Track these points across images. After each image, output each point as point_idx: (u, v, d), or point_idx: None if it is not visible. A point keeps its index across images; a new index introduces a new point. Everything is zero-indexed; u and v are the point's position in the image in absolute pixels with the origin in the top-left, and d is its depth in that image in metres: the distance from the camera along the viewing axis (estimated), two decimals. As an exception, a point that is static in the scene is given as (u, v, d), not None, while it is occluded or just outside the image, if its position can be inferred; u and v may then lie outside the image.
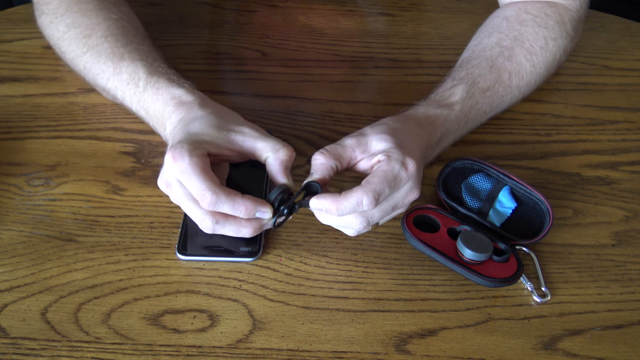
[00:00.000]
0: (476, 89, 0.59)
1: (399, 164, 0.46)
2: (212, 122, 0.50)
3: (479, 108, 0.59)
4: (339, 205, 0.45)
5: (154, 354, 0.46)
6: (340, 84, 0.71)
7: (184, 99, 0.54)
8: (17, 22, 0.78)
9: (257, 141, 0.49)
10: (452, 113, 0.57)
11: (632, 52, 0.77)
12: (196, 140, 0.47)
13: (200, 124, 0.50)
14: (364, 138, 0.49)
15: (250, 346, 0.46)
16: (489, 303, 0.50)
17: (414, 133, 0.52)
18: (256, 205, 0.46)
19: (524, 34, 0.62)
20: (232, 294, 0.50)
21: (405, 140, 0.50)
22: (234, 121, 0.51)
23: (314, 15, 0.81)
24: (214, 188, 0.45)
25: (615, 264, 0.53)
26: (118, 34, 0.61)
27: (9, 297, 0.49)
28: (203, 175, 0.45)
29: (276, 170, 0.48)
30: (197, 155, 0.46)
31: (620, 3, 1.16)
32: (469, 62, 0.62)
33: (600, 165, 0.62)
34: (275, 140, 0.50)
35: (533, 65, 0.62)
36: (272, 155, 0.49)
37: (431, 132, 0.55)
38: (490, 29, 0.65)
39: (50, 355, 0.45)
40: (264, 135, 0.50)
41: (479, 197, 0.56)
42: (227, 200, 0.45)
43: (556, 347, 0.47)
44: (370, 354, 0.46)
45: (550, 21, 0.63)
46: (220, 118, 0.51)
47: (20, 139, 0.62)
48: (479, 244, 0.50)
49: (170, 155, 0.46)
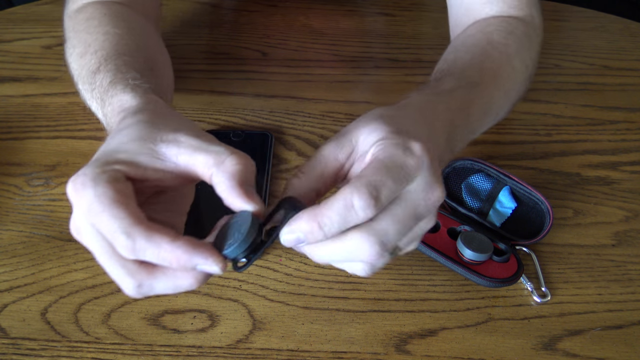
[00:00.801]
0: (465, 83, 0.50)
1: (400, 148, 0.34)
2: (136, 133, 0.35)
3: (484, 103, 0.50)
4: (321, 218, 0.32)
5: (154, 354, 0.46)
6: (340, 84, 0.71)
7: (126, 106, 0.40)
8: (17, 22, 0.78)
9: (196, 153, 0.34)
10: (452, 97, 0.47)
11: (632, 52, 0.77)
12: (106, 161, 0.33)
13: (121, 137, 0.35)
14: (346, 137, 0.36)
15: (250, 346, 0.46)
16: (489, 303, 0.50)
17: (417, 119, 0.40)
18: (194, 253, 0.31)
19: (495, 38, 0.56)
20: (232, 294, 0.50)
21: (405, 125, 0.37)
22: (169, 127, 0.35)
23: (314, 15, 0.81)
24: (129, 227, 0.31)
25: (615, 264, 0.53)
26: (108, 48, 0.49)
27: (9, 297, 0.49)
28: (114, 210, 0.31)
29: (227, 191, 0.33)
30: (106, 181, 0.32)
31: (620, 3, 1.16)
32: (454, 64, 0.52)
33: (600, 165, 0.62)
34: (219, 148, 0.34)
35: (514, 69, 0.55)
36: (215, 170, 0.33)
37: (434, 118, 0.43)
38: (457, 46, 0.57)
39: (50, 356, 0.45)
40: (207, 143, 0.34)
41: (479, 197, 0.56)
42: (148, 244, 0.31)
43: (556, 347, 0.47)
44: (370, 354, 0.46)
45: (517, 31, 0.58)
46: (150, 126, 0.35)
47: (20, 139, 0.62)
48: (479, 244, 0.50)
49: (71, 189, 0.32)
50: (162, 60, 0.55)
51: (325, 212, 0.32)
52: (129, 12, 0.56)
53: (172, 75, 0.57)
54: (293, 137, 0.63)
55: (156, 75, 0.48)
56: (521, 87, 0.56)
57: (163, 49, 0.58)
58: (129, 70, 0.45)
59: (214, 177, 0.33)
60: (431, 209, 0.35)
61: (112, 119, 0.41)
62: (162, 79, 0.50)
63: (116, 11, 0.54)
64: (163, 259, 0.31)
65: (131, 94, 0.41)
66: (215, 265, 0.31)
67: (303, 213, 0.32)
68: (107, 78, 0.44)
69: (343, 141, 0.36)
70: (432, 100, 0.45)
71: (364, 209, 0.31)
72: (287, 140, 0.63)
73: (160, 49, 0.57)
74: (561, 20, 0.83)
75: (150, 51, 0.53)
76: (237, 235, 0.32)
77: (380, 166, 0.33)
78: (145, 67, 0.47)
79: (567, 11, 0.84)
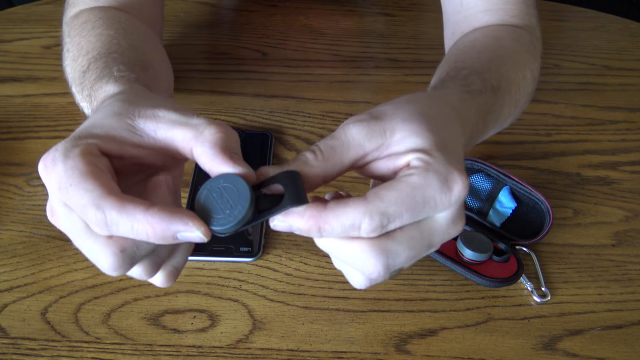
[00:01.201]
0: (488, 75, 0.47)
1: (439, 179, 0.30)
2: (113, 109, 0.33)
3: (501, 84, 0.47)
4: (323, 224, 0.29)
5: (154, 354, 0.46)
6: (340, 84, 0.71)
7: (109, 94, 0.38)
8: (17, 22, 0.78)
9: (175, 127, 0.31)
10: (482, 101, 0.43)
11: (632, 52, 0.77)
12: (79, 136, 0.31)
13: (97, 114, 0.33)
14: (379, 126, 0.32)
15: (250, 346, 0.46)
16: (489, 303, 0.50)
17: (455, 124, 0.36)
18: (172, 220, 0.28)
19: (505, 44, 0.54)
20: (232, 294, 0.50)
21: (448, 138, 0.33)
22: (149, 104, 0.33)
23: (314, 15, 0.81)
24: (99, 199, 0.28)
25: (615, 264, 0.53)
26: (99, 48, 0.47)
27: (9, 297, 0.49)
28: (84, 183, 0.29)
29: (210, 160, 0.30)
30: (77, 154, 0.30)
31: (620, 3, 1.16)
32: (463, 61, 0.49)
33: (600, 165, 0.62)
34: (198, 120, 0.32)
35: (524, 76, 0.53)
36: (195, 142, 0.31)
37: (468, 120, 0.39)
38: (459, 49, 0.54)
39: (50, 355, 0.45)
40: (186, 116, 0.32)
41: (479, 197, 0.56)
42: (121, 216, 0.28)
43: (556, 347, 0.47)
44: (370, 354, 0.46)
45: (522, 39, 0.56)
46: (128, 103, 0.33)
47: (20, 139, 0.62)
48: (479, 244, 0.50)
49: (42, 166, 0.31)
50: (159, 61, 0.53)
51: (329, 219, 0.29)
52: (126, 17, 0.55)
53: (171, 78, 0.56)
54: (293, 137, 0.63)
55: (149, 74, 0.46)
56: (528, 98, 0.54)
57: (161, 52, 0.56)
58: (116, 64, 0.43)
59: (194, 149, 0.31)
60: (447, 240, 0.32)
61: None
62: (157, 78, 0.48)
63: (112, 15, 0.54)
64: (138, 232, 0.28)
65: (114, 84, 0.38)
66: (198, 231, 0.28)
67: (305, 210, 0.29)
68: (95, 74, 0.42)
69: (375, 129, 0.32)
70: (467, 99, 0.41)
71: (368, 232, 0.29)
72: (287, 140, 0.63)
73: (158, 51, 0.55)
74: (561, 20, 0.83)
75: (145, 51, 0.50)
76: (230, 212, 0.29)
77: (406, 196, 0.29)
78: (136, 64, 0.45)
79: (567, 11, 0.84)
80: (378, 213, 0.29)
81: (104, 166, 0.30)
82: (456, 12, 0.59)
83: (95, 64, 0.44)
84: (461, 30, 0.58)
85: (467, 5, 0.57)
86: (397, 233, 0.30)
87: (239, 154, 0.31)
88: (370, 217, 0.29)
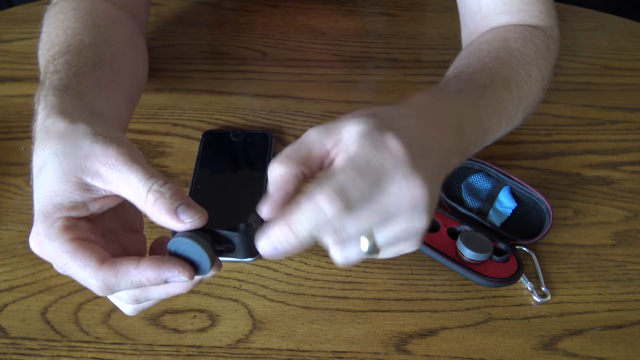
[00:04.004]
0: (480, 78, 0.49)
1: (374, 143, 0.32)
2: (55, 171, 0.34)
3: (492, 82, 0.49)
4: (289, 218, 0.31)
5: (154, 354, 0.46)
6: (340, 84, 0.71)
7: (51, 130, 0.37)
8: (17, 22, 0.78)
9: (120, 190, 0.34)
10: (458, 99, 0.45)
11: (632, 52, 0.77)
12: (47, 213, 0.34)
13: (45, 181, 0.35)
14: (334, 125, 0.35)
15: (250, 346, 0.46)
16: (489, 303, 0.50)
17: (412, 116, 0.38)
18: (161, 270, 0.33)
19: (511, 44, 0.55)
20: (232, 294, 0.50)
21: (394, 121, 0.35)
22: (84, 154, 0.35)
23: (314, 15, 0.81)
24: (95, 272, 0.33)
25: (615, 264, 0.53)
26: (61, 43, 0.48)
27: (9, 297, 0.49)
28: (76, 262, 0.33)
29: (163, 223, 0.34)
30: (58, 236, 0.33)
31: (620, 3, 1.16)
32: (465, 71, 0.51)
33: (600, 165, 0.62)
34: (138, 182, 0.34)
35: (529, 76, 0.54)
36: (145, 208, 0.34)
37: (440, 116, 0.41)
38: (471, 51, 0.56)
39: (50, 355, 0.45)
40: (128, 173, 0.34)
41: (479, 197, 0.56)
42: (118, 278, 0.34)
43: (556, 347, 0.47)
44: (370, 354, 0.46)
45: (537, 40, 0.57)
46: (64, 158, 0.35)
47: (20, 139, 0.62)
48: (479, 244, 0.50)
49: (33, 248, 0.36)
50: (126, 55, 0.53)
51: (293, 213, 0.31)
52: (104, 7, 0.54)
53: (141, 70, 0.56)
54: (293, 137, 0.63)
55: (103, 72, 0.46)
56: (537, 96, 0.55)
57: (133, 45, 0.55)
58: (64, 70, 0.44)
59: (148, 213, 0.34)
60: (408, 209, 0.33)
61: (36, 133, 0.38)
62: (115, 74, 0.48)
63: (86, 7, 0.53)
64: (137, 283, 0.34)
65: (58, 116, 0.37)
66: (183, 276, 0.34)
67: (274, 221, 0.32)
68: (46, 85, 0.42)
69: (331, 128, 0.34)
70: (436, 99, 0.43)
71: (331, 209, 0.30)
72: (287, 140, 0.63)
73: (128, 44, 0.54)
74: (561, 20, 0.83)
75: (108, 46, 0.50)
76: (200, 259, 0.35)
77: (348, 163, 0.31)
78: (87, 64, 0.45)
79: (567, 11, 0.83)
80: (328, 184, 0.30)
81: (85, 231, 0.35)
82: (474, 14, 0.60)
83: (51, 65, 0.45)
84: (479, 30, 0.60)
85: (486, 7, 0.58)
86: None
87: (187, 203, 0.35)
88: (322, 189, 0.30)
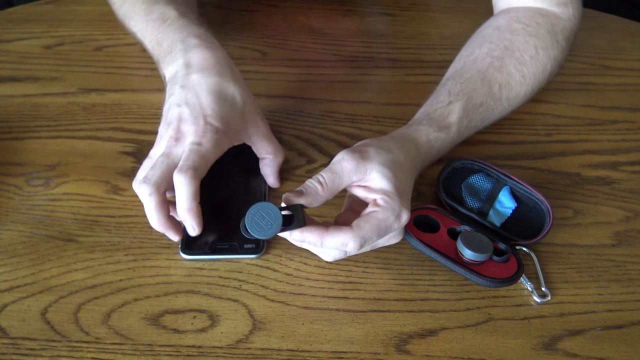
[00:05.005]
0: (470, 106, 0.58)
1: (394, 215, 0.45)
2: (240, 108, 0.53)
3: (472, 125, 0.59)
4: (324, 240, 0.44)
5: (154, 354, 0.46)
6: (340, 84, 0.71)
7: (209, 45, 0.54)
8: (17, 22, 0.78)
9: (264, 140, 0.55)
10: (449, 136, 0.57)
11: (632, 52, 0.77)
12: (226, 130, 0.50)
13: (231, 109, 0.52)
14: (364, 164, 0.47)
15: (250, 346, 0.46)
16: (489, 303, 0.50)
17: (411, 167, 0.52)
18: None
19: (515, 43, 0.61)
20: (232, 294, 0.50)
21: (404, 182, 0.48)
22: (252, 108, 0.54)
23: (314, 15, 0.81)
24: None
25: (615, 264, 0.53)
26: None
27: (9, 297, 0.49)
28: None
29: (267, 176, 0.57)
30: (216, 149, 0.50)
31: (620, 3, 1.16)
32: (462, 75, 0.60)
33: (600, 165, 0.62)
34: (276, 144, 0.56)
35: (523, 75, 0.61)
36: (268, 159, 0.56)
37: (426, 157, 0.55)
38: (482, 38, 0.64)
39: (50, 356, 0.45)
40: (271, 135, 0.56)
41: (479, 197, 0.56)
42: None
43: (556, 347, 0.47)
44: (370, 354, 0.46)
45: (542, 30, 0.62)
46: (245, 104, 0.53)
47: (20, 139, 0.62)
48: (479, 244, 0.50)
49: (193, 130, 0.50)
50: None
51: (328, 238, 0.44)
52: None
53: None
54: (293, 137, 0.63)
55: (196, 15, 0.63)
56: (529, 89, 0.63)
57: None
58: (189, 12, 0.61)
59: (264, 163, 0.57)
60: (386, 245, 0.49)
61: (183, 38, 0.55)
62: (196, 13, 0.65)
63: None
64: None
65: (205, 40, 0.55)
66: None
67: (316, 230, 0.44)
68: (172, 10, 0.59)
69: (361, 166, 0.47)
70: (432, 139, 0.55)
71: (352, 249, 0.45)
72: (287, 140, 0.63)
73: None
74: (561, 20, 0.83)
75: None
76: (269, 227, 0.44)
77: (376, 225, 0.45)
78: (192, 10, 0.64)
79: (567, 11, 0.83)
80: (360, 237, 0.44)
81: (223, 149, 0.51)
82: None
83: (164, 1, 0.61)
84: (499, 7, 0.68)
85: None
86: None
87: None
88: (354, 240, 0.44)
